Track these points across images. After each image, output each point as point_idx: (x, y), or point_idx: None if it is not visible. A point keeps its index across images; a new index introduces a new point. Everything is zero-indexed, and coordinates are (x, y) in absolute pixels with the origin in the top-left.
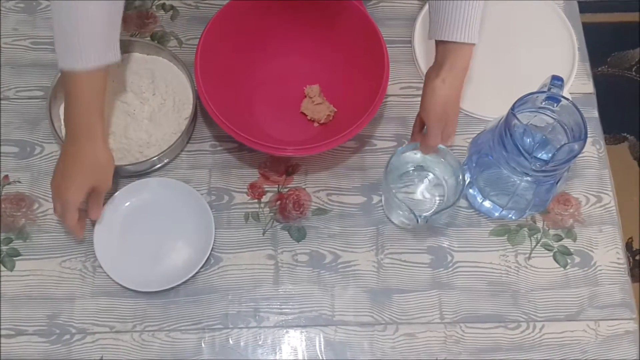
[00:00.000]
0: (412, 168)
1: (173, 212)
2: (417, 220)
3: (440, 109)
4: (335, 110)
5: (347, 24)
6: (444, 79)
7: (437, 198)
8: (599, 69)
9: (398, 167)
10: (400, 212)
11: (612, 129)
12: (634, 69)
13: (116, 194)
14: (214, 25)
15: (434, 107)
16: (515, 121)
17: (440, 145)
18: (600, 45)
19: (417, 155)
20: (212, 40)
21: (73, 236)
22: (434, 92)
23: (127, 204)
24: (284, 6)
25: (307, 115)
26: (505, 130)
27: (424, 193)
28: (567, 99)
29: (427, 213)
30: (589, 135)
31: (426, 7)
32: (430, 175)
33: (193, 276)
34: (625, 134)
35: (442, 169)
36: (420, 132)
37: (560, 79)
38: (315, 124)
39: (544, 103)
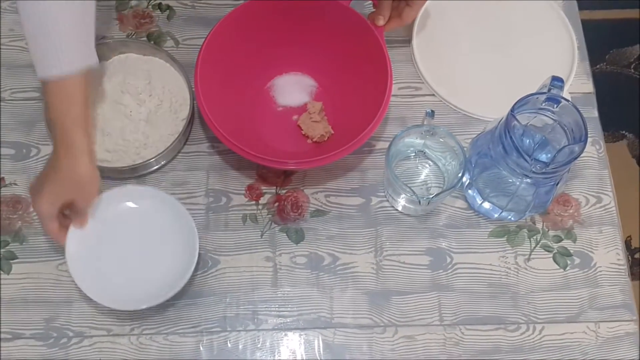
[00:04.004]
0: (413, 153)
1: (155, 226)
2: (420, 202)
3: None
4: (332, 132)
5: (360, 46)
6: None
7: (439, 181)
8: (598, 66)
9: (399, 152)
10: (403, 196)
11: (611, 127)
12: (632, 66)
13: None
14: (220, 30)
15: None
16: (515, 123)
17: (442, 128)
18: (598, 42)
19: (417, 140)
20: (215, 44)
21: (54, 242)
22: None
23: (103, 212)
24: (294, 22)
25: (302, 130)
26: (505, 131)
27: (426, 177)
28: (568, 100)
29: (430, 195)
30: (588, 136)
31: (425, 7)
32: (431, 160)
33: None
34: (623, 132)
35: (444, 153)
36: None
37: (560, 79)
38: (309, 141)
39: (544, 104)
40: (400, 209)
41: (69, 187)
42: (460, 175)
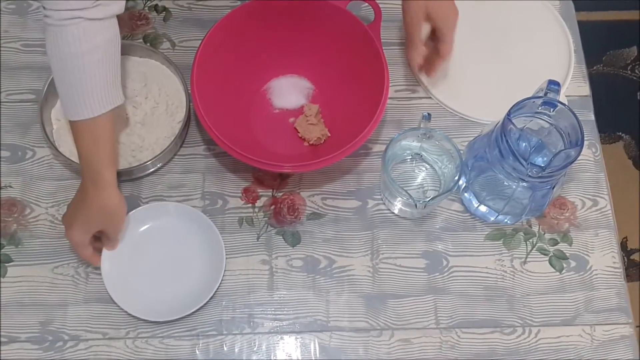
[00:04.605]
0: (410, 156)
1: (183, 240)
2: (416, 206)
3: (419, 10)
4: (329, 135)
5: (356, 48)
6: None
7: (436, 184)
8: (594, 67)
9: (396, 155)
10: (400, 199)
11: (607, 128)
12: (629, 68)
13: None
14: (216, 33)
15: (411, 8)
16: (511, 126)
17: (439, 132)
18: (595, 43)
19: (414, 143)
20: (212, 47)
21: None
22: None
23: (133, 231)
24: (291, 24)
25: (298, 132)
26: (501, 135)
27: (422, 180)
28: (564, 104)
29: (426, 199)
30: (585, 139)
31: None
32: (428, 163)
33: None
34: (620, 133)
35: (440, 156)
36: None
37: (556, 83)
38: (305, 143)
39: (540, 108)
40: (396, 212)
41: (99, 218)
42: (456, 178)
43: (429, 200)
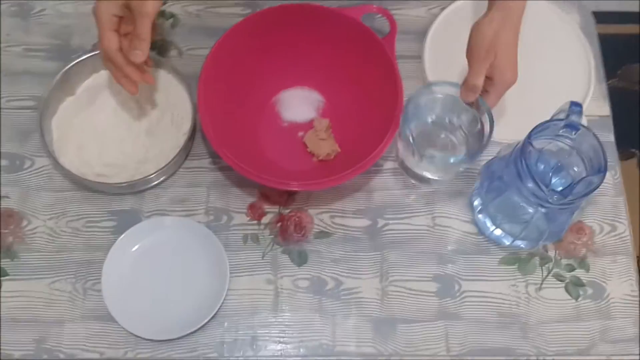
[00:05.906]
0: (433, 118)
1: (186, 255)
2: (413, 153)
3: (484, 44)
4: (339, 150)
5: (369, 61)
6: (491, 18)
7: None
8: (609, 81)
9: (420, 112)
10: (417, 157)
11: (621, 144)
12: None
13: (123, 235)
14: (225, 42)
15: (477, 42)
16: (531, 149)
17: (484, 103)
18: (610, 57)
19: (450, 97)
20: (220, 56)
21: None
22: (478, 29)
23: (136, 246)
24: (302, 35)
25: (307, 147)
26: (521, 159)
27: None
28: (587, 128)
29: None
30: None
31: (437, 21)
32: (450, 136)
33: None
34: (633, 150)
35: (467, 129)
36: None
37: (579, 105)
38: (314, 159)
39: (561, 130)
40: (412, 179)
41: None
42: (474, 157)
43: (433, 152)
